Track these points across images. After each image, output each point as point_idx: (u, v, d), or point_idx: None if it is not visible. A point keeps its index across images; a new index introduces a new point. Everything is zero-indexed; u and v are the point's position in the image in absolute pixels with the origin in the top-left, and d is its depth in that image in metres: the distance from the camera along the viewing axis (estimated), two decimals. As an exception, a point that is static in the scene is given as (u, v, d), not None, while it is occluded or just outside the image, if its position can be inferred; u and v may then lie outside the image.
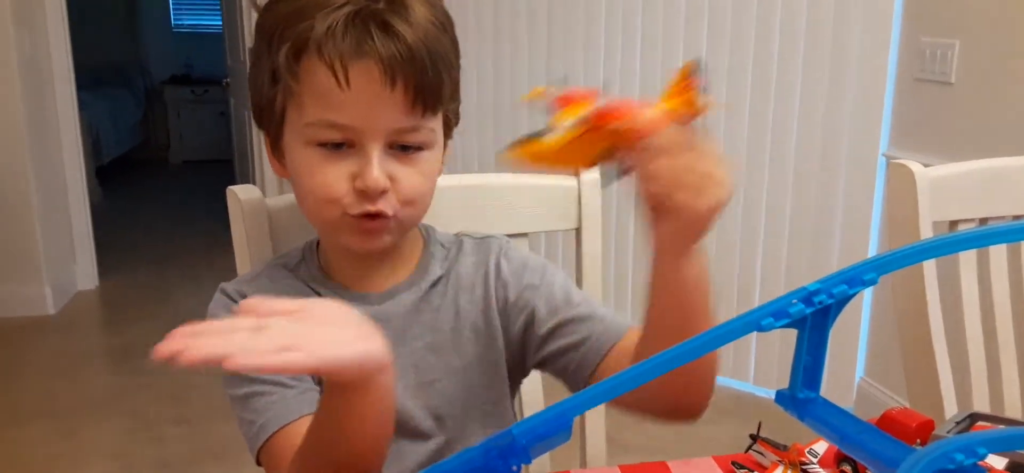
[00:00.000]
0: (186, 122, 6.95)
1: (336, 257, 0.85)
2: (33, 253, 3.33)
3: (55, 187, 3.50)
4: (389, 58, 0.71)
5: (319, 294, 0.84)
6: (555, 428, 0.46)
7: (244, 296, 0.83)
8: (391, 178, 0.75)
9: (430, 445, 0.85)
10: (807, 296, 0.53)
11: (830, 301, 0.53)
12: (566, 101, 0.63)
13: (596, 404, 0.47)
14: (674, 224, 0.64)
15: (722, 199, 0.63)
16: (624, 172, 0.64)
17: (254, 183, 3.56)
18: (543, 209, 1.02)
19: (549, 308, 0.84)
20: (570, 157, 0.64)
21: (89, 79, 5.37)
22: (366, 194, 0.74)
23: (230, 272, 0.91)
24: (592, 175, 1.03)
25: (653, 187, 0.63)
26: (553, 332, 0.83)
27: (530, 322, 0.85)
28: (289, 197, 0.94)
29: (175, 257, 4.24)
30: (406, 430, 0.84)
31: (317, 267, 0.86)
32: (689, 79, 0.61)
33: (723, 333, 0.50)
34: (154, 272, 4.01)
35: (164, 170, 6.84)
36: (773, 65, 2.44)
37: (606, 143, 0.62)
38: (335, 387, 0.64)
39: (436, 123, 0.78)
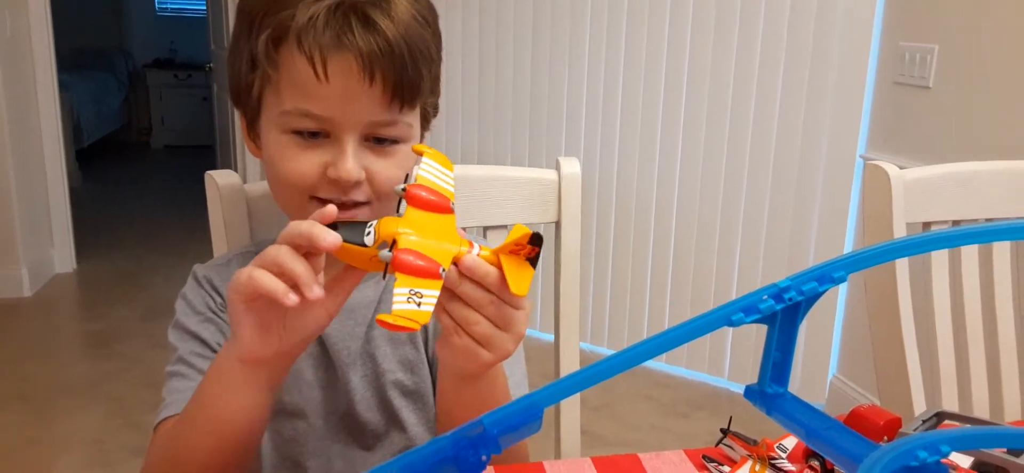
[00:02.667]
0: (168, 106, 6.90)
1: None
2: (10, 235, 3.30)
3: (34, 169, 3.47)
4: (368, 52, 0.71)
5: None
6: (525, 419, 0.47)
7: (211, 281, 0.84)
8: (366, 170, 0.75)
9: (378, 437, 0.86)
10: (777, 292, 0.53)
11: (800, 298, 0.54)
12: (414, 200, 0.63)
13: (566, 396, 0.47)
14: (456, 359, 0.65)
15: (506, 353, 0.63)
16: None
17: (235, 169, 3.54)
18: (522, 201, 1.03)
19: None
20: (370, 265, 0.61)
21: (71, 61, 5.32)
22: (338, 184, 0.74)
23: (208, 257, 0.91)
24: (573, 168, 1.03)
25: (444, 321, 0.62)
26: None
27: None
28: (268, 184, 0.94)
29: (154, 242, 4.21)
30: (355, 422, 0.85)
31: None
32: (522, 245, 0.58)
33: (694, 328, 0.51)
34: (132, 256, 3.99)
35: (145, 154, 6.79)
36: (755, 66, 2.45)
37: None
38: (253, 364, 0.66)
39: (413, 117, 0.78)
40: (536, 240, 0.58)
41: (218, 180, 0.90)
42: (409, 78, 0.74)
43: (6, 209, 3.27)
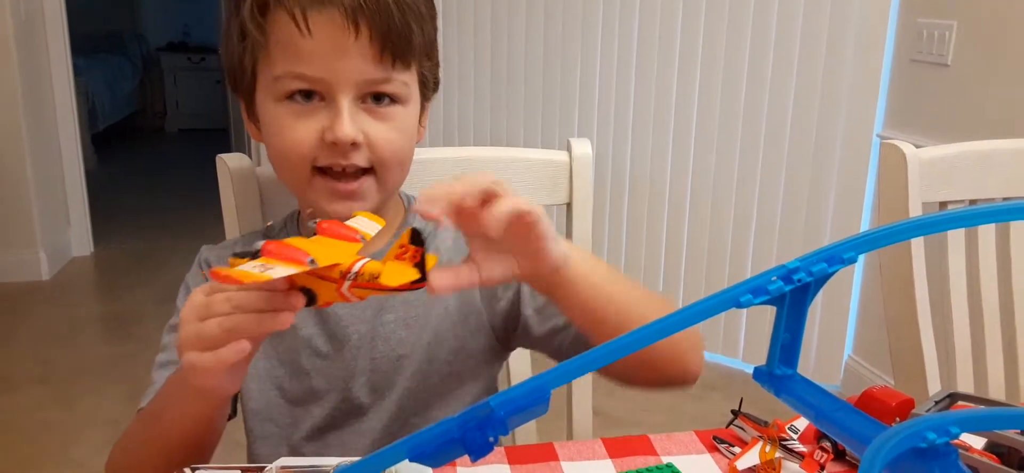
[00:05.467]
0: (182, 90, 6.92)
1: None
2: (28, 219, 3.33)
3: (50, 153, 3.50)
4: (351, 4, 0.71)
5: None
6: (533, 400, 0.47)
7: (211, 265, 0.84)
8: (364, 134, 0.74)
9: (383, 419, 0.85)
10: (786, 274, 0.53)
11: (809, 279, 0.53)
12: (322, 230, 0.62)
13: (573, 378, 0.47)
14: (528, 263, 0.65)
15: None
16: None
17: (248, 152, 3.55)
18: (534, 183, 1.02)
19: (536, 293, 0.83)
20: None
21: (85, 45, 5.34)
22: (337, 146, 0.74)
23: (222, 239, 0.91)
24: (584, 149, 1.03)
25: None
26: (540, 313, 0.83)
27: (515, 304, 0.84)
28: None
29: (170, 224, 4.24)
30: (360, 405, 0.84)
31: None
32: (407, 247, 0.58)
33: (702, 309, 0.50)
34: (148, 239, 4.02)
35: (160, 138, 6.82)
36: (770, 45, 2.43)
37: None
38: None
39: (409, 77, 0.77)
40: (416, 239, 0.58)
41: (229, 163, 0.91)
42: (398, 29, 0.73)
43: (23, 193, 3.30)
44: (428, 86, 0.82)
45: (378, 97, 0.75)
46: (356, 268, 0.57)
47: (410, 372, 0.84)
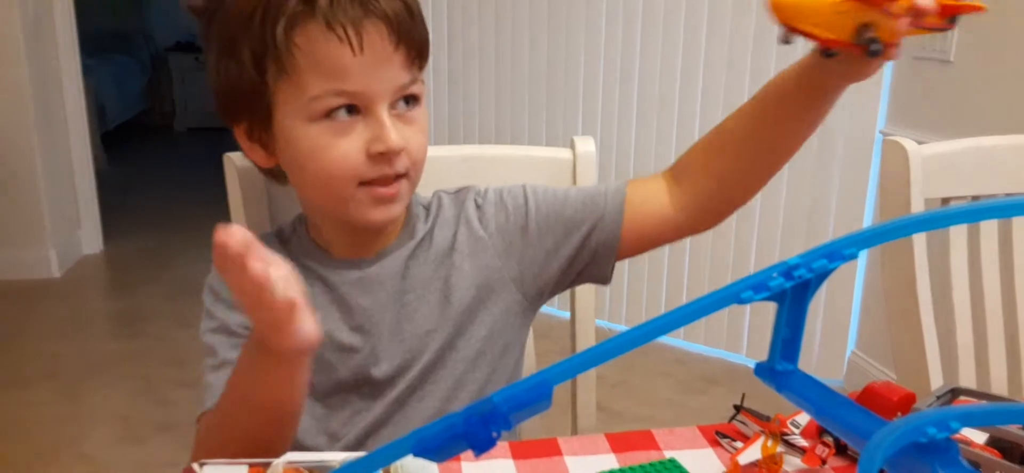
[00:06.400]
0: (191, 89, 6.93)
1: (333, 230, 0.85)
2: (38, 217, 3.35)
3: (60, 152, 3.52)
4: (395, 16, 0.72)
5: (307, 266, 0.84)
6: (536, 396, 0.48)
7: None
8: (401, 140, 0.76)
9: (405, 404, 0.86)
10: (787, 270, 0.53)
11: (810, 275, 0.54)
12: None
13: (577, 373, 0.48)
14: (862, 70, 0.72)
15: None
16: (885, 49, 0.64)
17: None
18: (538, 181, 1.03)
19: (548, 218, 0.85)
20: (830, 23, 0.64)
21: (94, 45, 5.36)
22: (386, 157, 0.74)
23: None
24: (588, 146, 1.03)
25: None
26: (563, 239, 0.85)
27: (526, 249, 0.86)
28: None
29: (179, 223, 4.26)
30: (385, 389, 0.85)
31: (308, 240, 0.86)
32: None
33: (703, 306, 0.51)
34: (158, 237, 4.04)
35: (169, 137, 6.85)
36: (773, 43, 2.41)
37: (866, 18, 0.62)
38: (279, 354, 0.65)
39: (421, 76, 0.79)
40: None
41: (236, 162, 0.92)
42: (421, 33, 0.75)
43: (34, 192, 3.32)
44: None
45: (407, 100, 0.77)
46: None
47: (436, 348, 0.85)
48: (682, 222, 0.86)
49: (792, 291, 0.55)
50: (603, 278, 0.87)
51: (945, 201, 1.04)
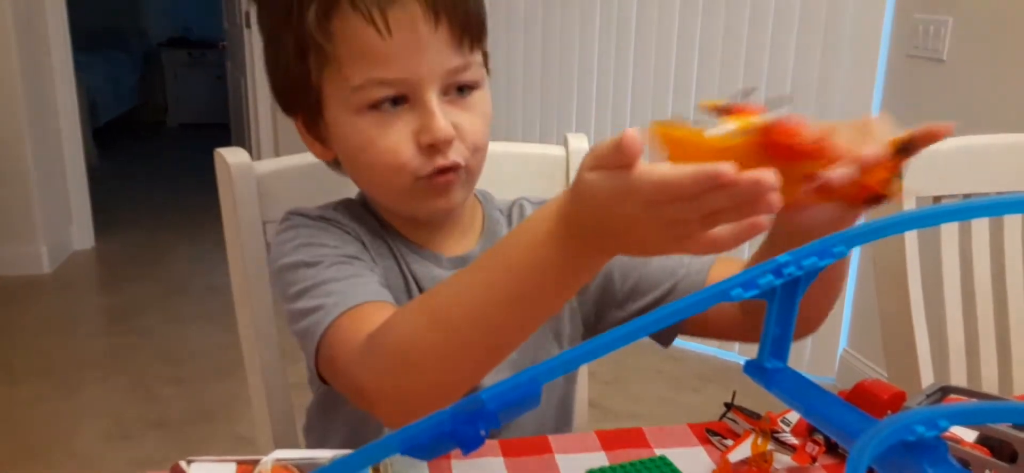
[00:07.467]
0: (183, 85, 6.93)
1: (399, 222, 0.80)
2: (29, 213, 3.34)
3: (51, 148, 3.50)
4: None
5: (390, 246, 0.79)
6: (524, 394, 0.47)
7: (326, 219, 0.77)
8: (454, 126, 0.70)
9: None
10: (776, 268, 0.53)
11: (799, 273, 0.54)
12: (731, 110, 0.57)
13: (565, 371, 0.48)
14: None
15: None
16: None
17: (249, 147, 3.57)
18: (529, 177, 1.03)
19: (625, 266, 0.82)
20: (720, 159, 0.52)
21: (86, 41, 5.35)
22: (435, 148, 0.70)
23: (222, 235, 0.92)
24: (581, 144, 1.03)
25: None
26: (634, 291, 0.82)
27: (607, 283, 0.83)
28: (278, 162, 0.94)
29: (170, 219, 4.25)
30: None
31: (378, 225, 0.81)
32: (896, 159, 0.53)
33: (692, 304, 0.51)
34: (149, 233, 4.03)
35: (161, 133, 6.83)
36: (767, 41, 2.43)
37: (775, 164, 0.53)
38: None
39: (480, 59, 0.74)
40: (904, 147, 0.53)
41: (227, 158, 0.91)
42: (472, 10, 0.70)
43: (25, 187, 3.31)
44: (487, 64, 0.78)
45: (460, 88, 0.72)
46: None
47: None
48: (749, 329, 0.78)
49: (782, 289, 0.54)
50: (662, 339, 0.82)
51: (937, 199, 1.04)
